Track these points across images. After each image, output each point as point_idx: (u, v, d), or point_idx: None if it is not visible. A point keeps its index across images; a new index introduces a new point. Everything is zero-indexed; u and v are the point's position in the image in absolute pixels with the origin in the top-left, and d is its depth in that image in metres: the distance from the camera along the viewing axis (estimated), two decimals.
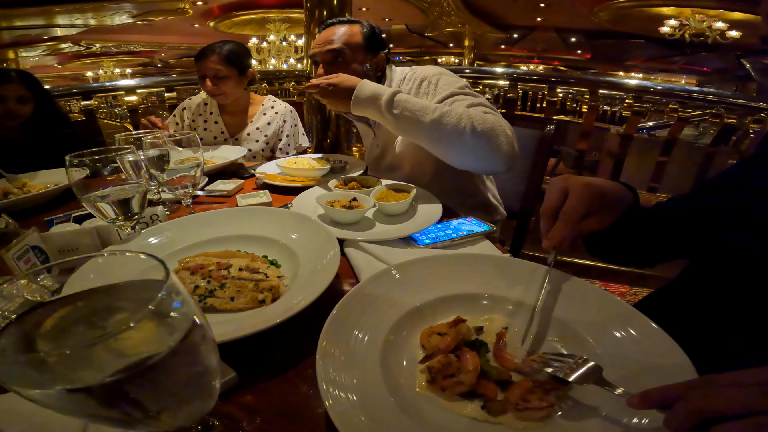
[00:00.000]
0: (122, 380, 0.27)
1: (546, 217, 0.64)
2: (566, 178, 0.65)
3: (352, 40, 1.30)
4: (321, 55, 1.30)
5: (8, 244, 0.71)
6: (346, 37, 1.29)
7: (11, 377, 0.26)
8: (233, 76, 1.77)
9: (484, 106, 1.12)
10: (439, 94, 1.20)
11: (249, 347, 0.57)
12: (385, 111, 1.09)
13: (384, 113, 1.10)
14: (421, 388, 0.50)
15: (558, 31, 11.20)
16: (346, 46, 1.29)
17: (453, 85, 1.21)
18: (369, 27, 1.34)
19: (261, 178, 1.32)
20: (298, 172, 1.35)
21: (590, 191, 0.62)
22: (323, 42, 1.30)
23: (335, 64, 1.30)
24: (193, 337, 0.31)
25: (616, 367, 0.49)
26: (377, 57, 1.35)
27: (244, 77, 1.84)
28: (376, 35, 1.35)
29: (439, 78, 1.25)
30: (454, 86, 1.20)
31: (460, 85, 1.21)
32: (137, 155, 0.81)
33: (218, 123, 1.90)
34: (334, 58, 1.29)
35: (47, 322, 0.32)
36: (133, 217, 0.80)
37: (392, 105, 1.09)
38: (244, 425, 0.47)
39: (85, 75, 14.04)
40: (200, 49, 1.76)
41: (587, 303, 0.60)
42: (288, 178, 1.33)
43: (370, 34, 1.33)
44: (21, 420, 0.44)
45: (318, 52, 1.31)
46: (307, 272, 0.72)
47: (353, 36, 1.30)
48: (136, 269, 0.34)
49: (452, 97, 1.17)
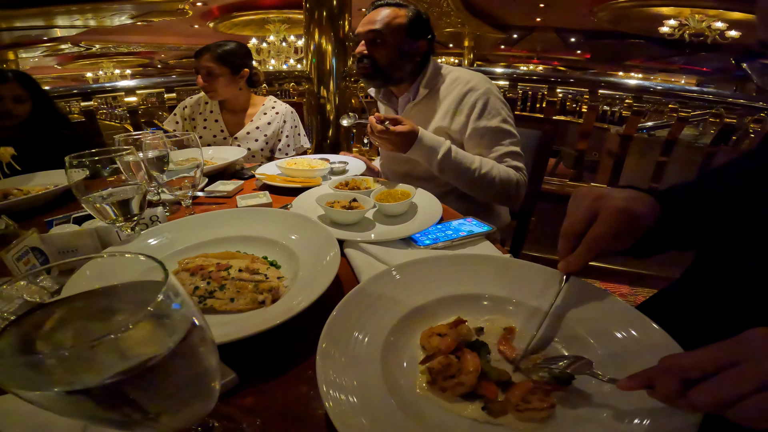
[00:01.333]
0: (122, 382, 0.27)
1: (567, 239, 0.59)
2: (598, 196, 0.59)
3: (395, 23, 1.34)
4: (363, 35, 1.38)
5: (8, 245, 0.71)
6: (389, 20, 1.34)
7: (10, 379, 0.26)
8: (225, 74, 1.79)
9: (515, 153, 1.32)
10: (485, 120, 1.31)
11: (249, 348, 0.56)
12: (436, 167, 1.25)
13: (434, 166, 1.25)
14: (422, 389, 0.50)
15: (557, 32, 11.20)
16: (386, 27, 1.34)
17: (498, 115, 1.32)
18: (414, 11, 1.37)
19: (261, 179, 1.32)
20: (298, 173, 1.35)
21: (622, 218, 0.56)
22: (367, 22, 1.37)
23: (375, 44, 1.37)
24: (192, 339, 0.31)
25: (618, 368, 0.49)
26: (418, 42, 1.38)
27: (238, 77, 1.85)
28: (420, 21, 1.38)
29: (488, 100, 1.32)
30: (498, 118, 1.32)
31: (503, 116, 1.33)
32: (137, 156, 0.81)
33: (218, 121, 1.91)
34: (374, 39, 1.36)
35: (47, 323, 0.32)
36: (132, 218, 0.80)
37: (443, 163, 1.24)
38: (245, 427, 0.47)
39: (84, 76, 14.04)
40: (200, 47, 1.81)
41: (588, 303, 0.60)
42: (287, 179, 1.33)
43: (415, 18, 1.37)
44: (20, 421, 0.44)
45: (361, 31, 1.38)
46: (307, 273, 0.72)
47: (396, 19, 1.35)
48: (135, 270, 0.34)
49: (497, 135, 1.31)
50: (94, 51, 12.08)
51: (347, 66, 3.05)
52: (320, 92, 3.08)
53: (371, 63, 1.38)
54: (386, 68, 1.39)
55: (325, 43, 2.94)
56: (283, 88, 3.26)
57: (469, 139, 1.34)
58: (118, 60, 13.89)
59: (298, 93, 3.23)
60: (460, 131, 1.35)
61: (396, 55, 1.37)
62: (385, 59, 1.38)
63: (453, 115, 1.35)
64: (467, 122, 1.32)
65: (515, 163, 1.31)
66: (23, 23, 7.76)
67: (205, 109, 1.93)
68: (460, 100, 1.34)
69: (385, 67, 1.39)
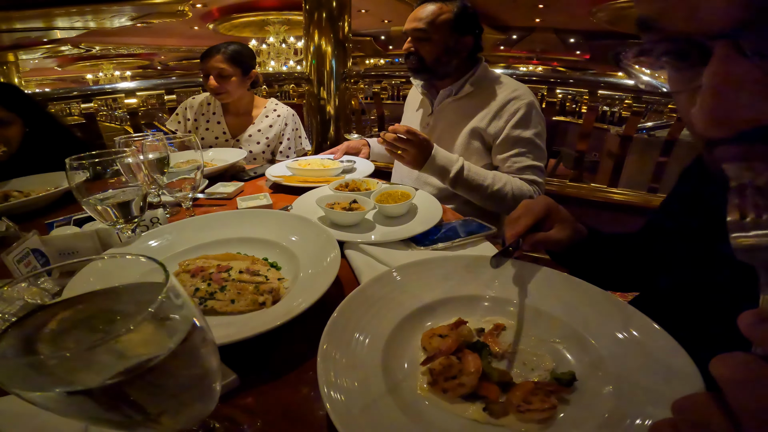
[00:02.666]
0: (123, 383, 0.27)
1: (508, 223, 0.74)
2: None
3: (440, 20, 1.35)
4: (410, 32, 1.40)
5: (9, 247, 0.71)
6: (434, 17, 1.35)
7: (12, 380, 0.26)
8: (237, 75, 1.79)
9: (537, 168, 1.35)
10: (520, 129, 1.34)
11: (250, 350, 0.57)
12: (449, 184, 1.28)
13: (446, 183, 1.28)
14: (423, 390, 0.50)
15: (557, 32, 11.20)
16: (430, 25, 1.36)
17: (534, 127, 1.35)
18: (460, 7, 1.36)
19: (277, 181, 1.32)
20: (314, 173, 1.37)
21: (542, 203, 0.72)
22: (413, 19, 1.39)
23: (420, 41, 1.39)
24: (193, 340, 0.31)
25: (619, 368, 0.49)
26: (464, 38, 1.39)
27: (247, 77, 1.85)
28: (467, 16, 1.38)
29: (529, 111, 1.35)
30: (533, 131, 1.35)
31: (538, 131, 1.36)
32: (137, 158, 0.81)
33: (220, 123, 1.91)
34: (419, 37, 1.39)
35: (48, 325, 0.32)
36: (133, 219, 0.80)
37: (455, 180, 1.27)
38: (245, 428, 0.47)
39: (84, 77, 14.06)
40: (206, 49, 1.79)
41: (588, 304, 0.60)
42: (303, 179, 1.33)
43: (461, 14, 1.36)
44: (22, 422, 0.44)
45: (407, 29, 1.40)
46: (307, 274, 0.72)
47: (441, 15, 1.35)
48: (136, 272, 0.34)
49: (527, 146, 1.34)
50: (94, 53, 12.08)
51: (347, 67, 3.06)
52: (320, 93, 3.08)
53: (417, 59, 1.41)
54: (432, 64, 1.41)
55: (325, 44, 2.94)
56: (282, 89, 3.27)
57: (500, 145, 1.36)
58: (118, 62, 13.91)
59: (298, 94, 3.23)
60: (494, 135, 1.37)
61: (442, 52, 1.38)
62: (430, 56, 1.39)
63: (492, 119, 1.37)
64: (504, 127, 1.35)
65: (534, 177, 1.34)
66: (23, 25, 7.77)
67: (208, 110, 1.93)
68: (503, 106, 1.36)
69: (431, 64, 1.40)
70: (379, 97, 3.38)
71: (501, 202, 1.29)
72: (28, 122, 1.43)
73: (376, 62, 13.28)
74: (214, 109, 1.92)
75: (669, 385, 0.45)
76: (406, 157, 1.25)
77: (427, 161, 1.25)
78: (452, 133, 1.44)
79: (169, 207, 1.13)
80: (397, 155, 1.27)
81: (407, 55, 1.43)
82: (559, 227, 0.71)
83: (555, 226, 0.72)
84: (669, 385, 0.45)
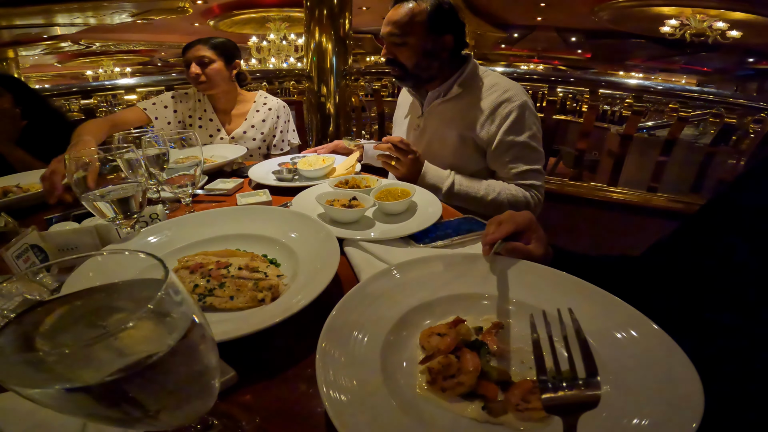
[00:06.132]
0: (121, 379, 0.27)
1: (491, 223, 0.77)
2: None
3: (414, 20, 1.27)
4: (385, 37, 1.33)
5: (7, 242, 0.71)
6: (408, 18, 1.27)
7: (10, 376, 0.26)
8: (219, 63, 1.74)
9: (535, 171, 1.31)
10: (514, 134, 1.28)
11: (248, 346, 0.56)
12: (441, 199, 1.16)
13: (440, 199, 1.17)
14: (422, 389, 0.50)
15: (558, 31, 11.17)
16: (404, 29, 1.27)
17: (529, 130, 1.30)
18: (434, 4, 1.27)
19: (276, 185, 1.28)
20: (328, 170, 1.36)
21: (522, 216, 0.76)
22: (386, 23, 1.31)
23: (396, 47, 1.32)
24: (192, 336, 0.31)
25: (618, 368, 0.49)
26: (443, 38, 1.30)
27: (231, 67, 1.80)
28: (442, 13, 1.28)
29: (522, 114, 1.29)
30: (527, 134, 1.29)
31: (533, 132, 1.30)
32: (137, 154, 0.81)
33: (213, 120, 1.88)
34: (394, 42, 1.31)
35: (46, 321, 0.32)
36: (132, 215, 0.80)
37: (447, 197, 1.27)
38: (244, 424, 0.47)
39: (84, 74, 14.01)
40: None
41: (587, 303, 0.60)
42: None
43: (436, 12, 1.27)
44: (20, 419, 0.44)
45: (382, 33, 1.33)
46: (306, 271, 0.72)
47: (416, 16, 1.27)
48: (135, 268, 0.34)
49: (522, 151, 1.30)
50: (94, 49, 12.04)
51: (347, 64, 3.05)
52: (320, 90, 3.07)
53: (398, 66, 1.33)
54: (414, 70, 1.32)
55: (326, 41, 2.93)
56: (283, 86, 3.26)
57: (494, 150, 1.31)
58: (118, 58, 13.86)
59: (299, 91, 3.23)
60: (488, 141, 1.31)
61: (420, 56, 1.30)
62: (410, 61, 1.31)
63: (484, 123, 1.30)
64: (497, 132, 1.29)
65: (533, 181, 1.31)
66: (23, 21, 7.74)
67: (199, 107, 1.89)
68: (494, 109, 1.29)
69: (413, 69, 1.32)
70: (380, 95, 3.37)
71: (498, 210, 1.25)
72: (26, 113, 1.49)
73: (376, 59, 13.24)
74: (204, 107, 1.88)
75: (668, 385, 0.45)
76: (400, 170, 1.25)
77: (419, 178, 1.25)
78: (443, 136, 1.38)
79: (168, 203, 1.13)
80: (391, 167, 1.26)
81: (387, 62, 1.35)
82: (536, 244, 0.74)
83: (532, 242, 0.74)
84: (668, 384, 0.45)
